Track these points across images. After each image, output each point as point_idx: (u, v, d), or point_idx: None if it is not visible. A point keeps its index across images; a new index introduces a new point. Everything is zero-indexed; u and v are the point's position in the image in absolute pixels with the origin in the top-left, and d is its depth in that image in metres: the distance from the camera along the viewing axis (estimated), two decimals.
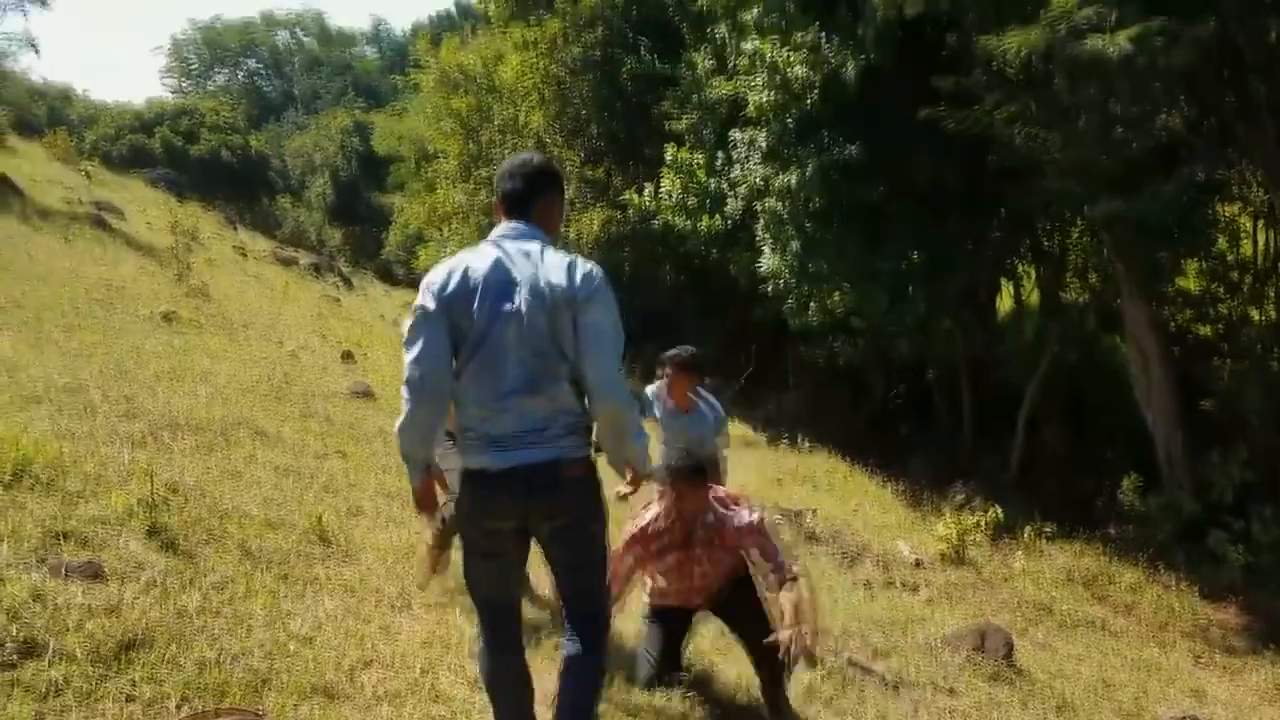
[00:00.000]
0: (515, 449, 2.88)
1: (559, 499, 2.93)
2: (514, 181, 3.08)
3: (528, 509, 2.95)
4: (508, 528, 3.00)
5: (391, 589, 4.62)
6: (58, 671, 2.92)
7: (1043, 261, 13.77)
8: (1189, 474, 10.44)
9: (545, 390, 2.88)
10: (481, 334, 2.87)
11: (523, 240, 2.98)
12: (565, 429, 2.92)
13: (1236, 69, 9.24)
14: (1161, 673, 6.90)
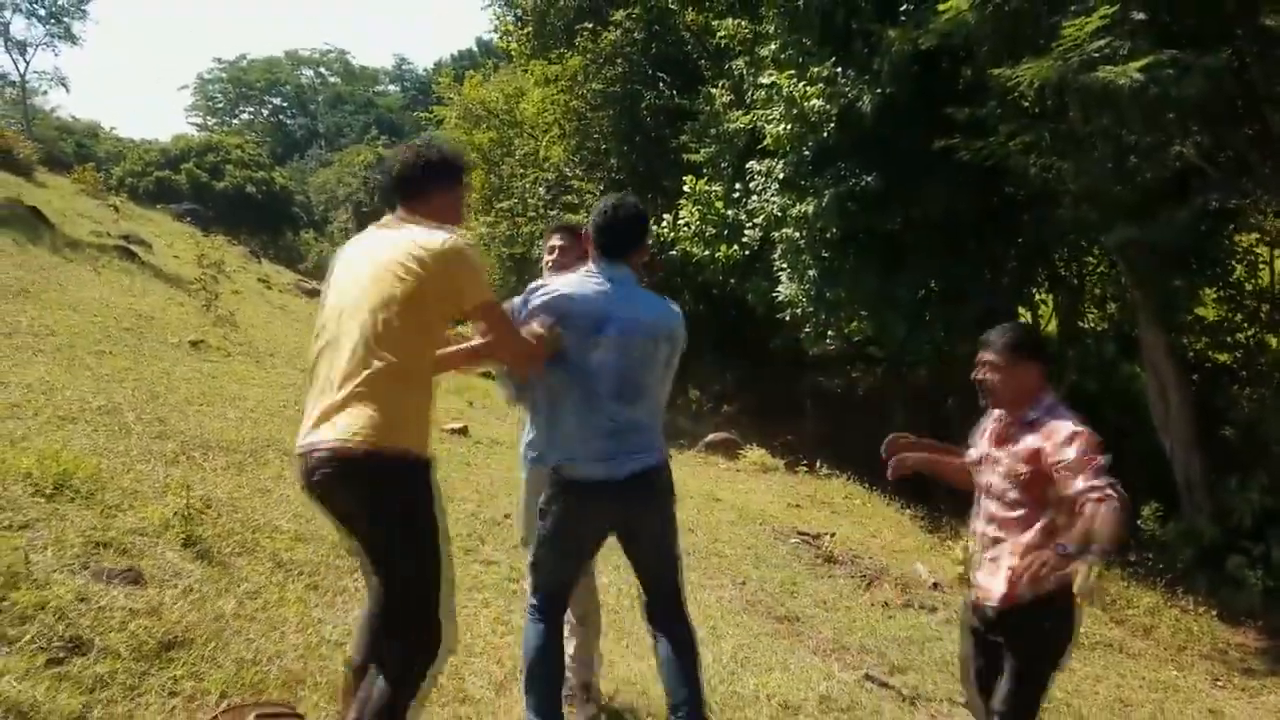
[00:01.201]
0: (622, 459, 3.24)
1: (658, 500, 3.36)
2: (616, 225, 3.40)
3: (629, 512, 3.35)
4: (604, 529, 3.41)
5: None
6: (103, 667, 3.06)
7: (1060, 289, 13.86)
8: (1208, 500, 10.45)
9: (643, 405, 3.33)
10: (587, 355, 3.23)
11: (622, 278, 3.35)
12: (656, 439, 3.35)
13: (1251, 99, 9.35)
14: (1179, 693, 6.90)
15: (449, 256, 2.89)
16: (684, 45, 18.60)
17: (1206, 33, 8.64)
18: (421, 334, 2.90)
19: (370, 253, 2.94)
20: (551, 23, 20.49)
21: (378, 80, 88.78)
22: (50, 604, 3.26)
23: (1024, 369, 3.41)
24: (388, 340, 2.79)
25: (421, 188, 3.08)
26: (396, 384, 2.80)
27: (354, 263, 2.97)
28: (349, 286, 2.91)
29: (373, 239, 3.01)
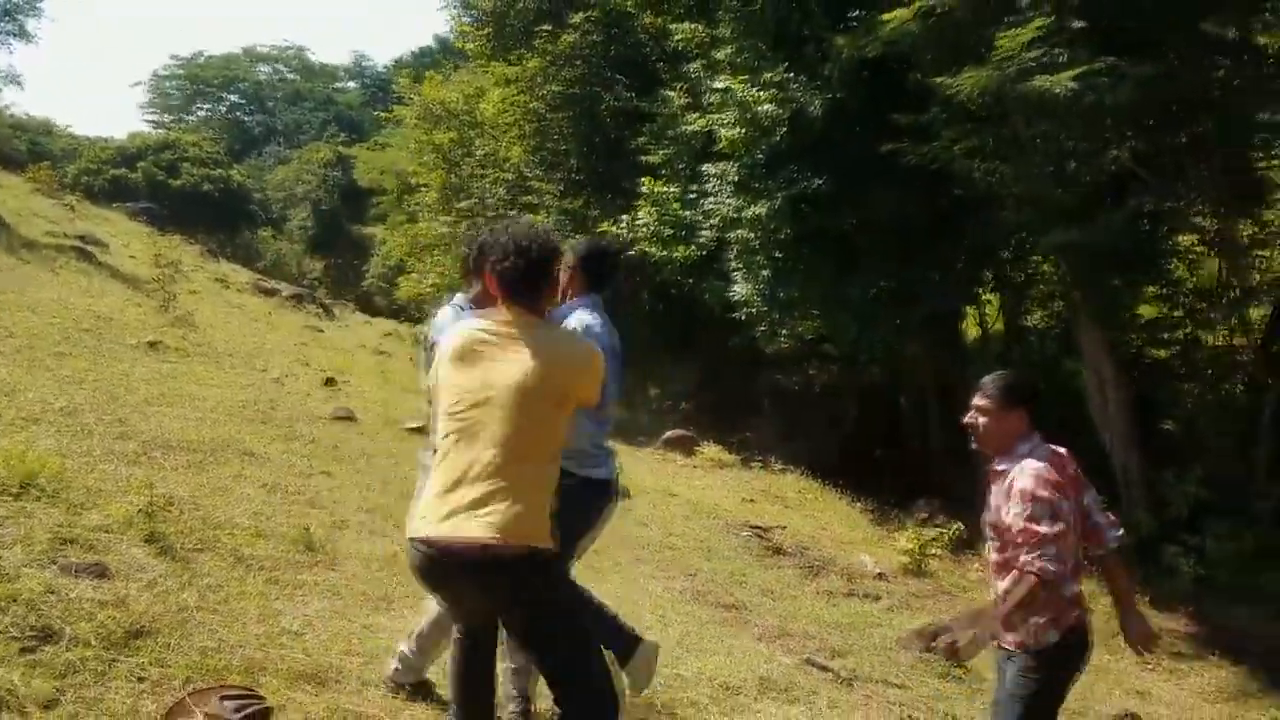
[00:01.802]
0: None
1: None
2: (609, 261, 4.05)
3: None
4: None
5: (375, 592, 4.93)
6: (74, 655, 3.23)
7: (1005, 289, 14.21)
8: (1146, 492, 10.80)
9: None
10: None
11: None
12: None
13: (1184, 105, 9.71)
14: (1109, 675, 7.21)
15: (587, 360, 3.09)
16: (641, 48, 18.77)
17: (1143, 40, 8.99)
18: (559, 430, 3.00)
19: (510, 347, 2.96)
20: (510, 24, 20.60)
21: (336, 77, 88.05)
22: (21, 596, 3.42)
23: (1013, 415, 3.54)
24: (534, 438, 2.89)
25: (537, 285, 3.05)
26: (539, 480, 2.91)
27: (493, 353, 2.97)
28: (495, 378, 2.92)
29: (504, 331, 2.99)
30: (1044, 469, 3.39)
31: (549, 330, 3.10)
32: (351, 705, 3.56)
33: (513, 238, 3.02)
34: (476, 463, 2.84)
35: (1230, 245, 10.37)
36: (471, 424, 2.89)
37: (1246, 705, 6.89)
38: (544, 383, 2.89)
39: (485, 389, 2.90)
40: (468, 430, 2.89)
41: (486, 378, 2.92)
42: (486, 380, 2.91)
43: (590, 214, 17.96)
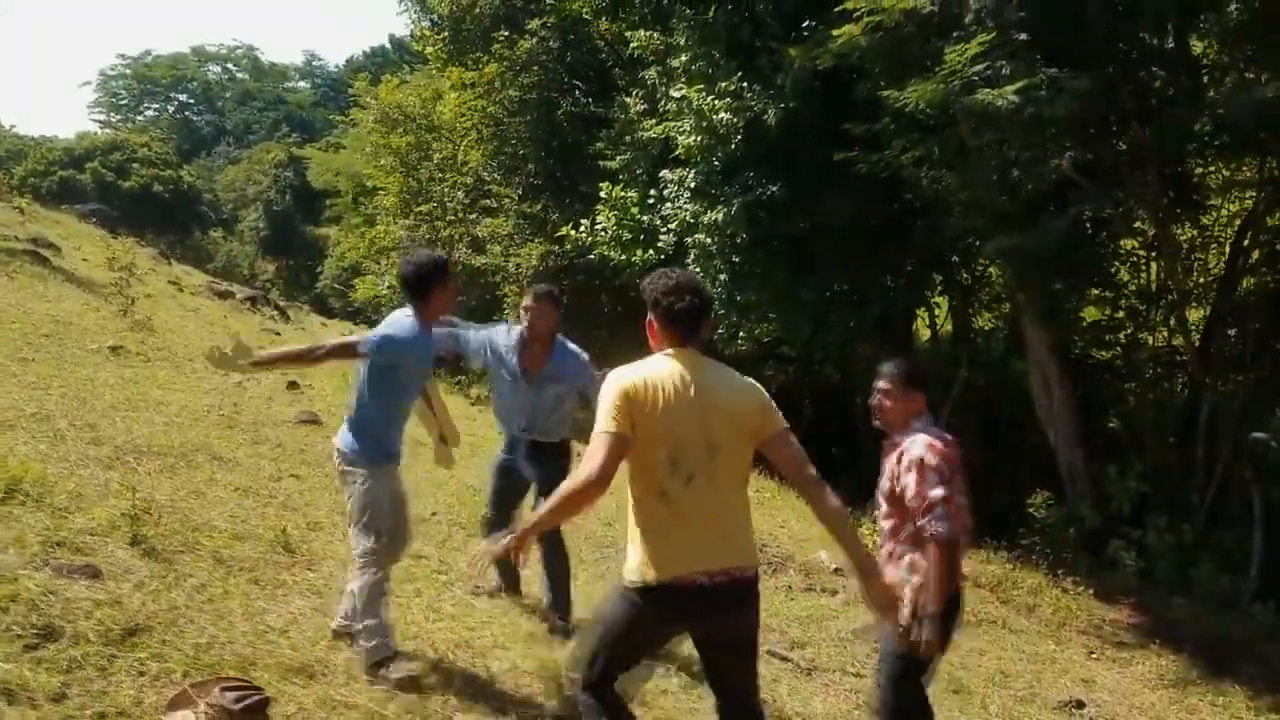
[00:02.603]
0: None
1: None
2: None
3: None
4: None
5: None
6: (76, 651, 3.39)
7: (953, 291, 14.58)
8: (1090, 488, 11.18)
9: None
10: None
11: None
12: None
13: (1121, 116, 10.09)
14: (1056, 665, 7.55)
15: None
16: (598, 54, 19.00)
17: (1083, 52, 9.35)
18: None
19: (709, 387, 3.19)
20: (468, 29, 20.71)
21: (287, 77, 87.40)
22: (21, 596, 3.57)
23: (910, 399, 3.98)
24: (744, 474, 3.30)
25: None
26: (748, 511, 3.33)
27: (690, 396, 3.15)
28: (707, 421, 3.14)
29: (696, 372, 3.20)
30: (934, 441, 3.81)
31: (723, 369, 3.34)
32: (341, 696, 3.75)
33: (686, 279, 3.31)
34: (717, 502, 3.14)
35: (1169, 249, 10.77)
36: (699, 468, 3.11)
37: (1186, 692, 7.23)
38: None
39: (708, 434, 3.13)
40: (697, 473, 3.11)
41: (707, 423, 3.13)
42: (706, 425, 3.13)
43: (550, 218, 18.14)
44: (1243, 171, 10.91)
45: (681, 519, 3.07)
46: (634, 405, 3.07)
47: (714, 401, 3.13)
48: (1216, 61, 10.57)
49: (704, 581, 3.06)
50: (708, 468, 3.08)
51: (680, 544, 3.08)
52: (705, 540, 3.09)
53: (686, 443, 3.07)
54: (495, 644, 4.78)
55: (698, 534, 3.08)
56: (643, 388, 3.10)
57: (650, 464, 3.08)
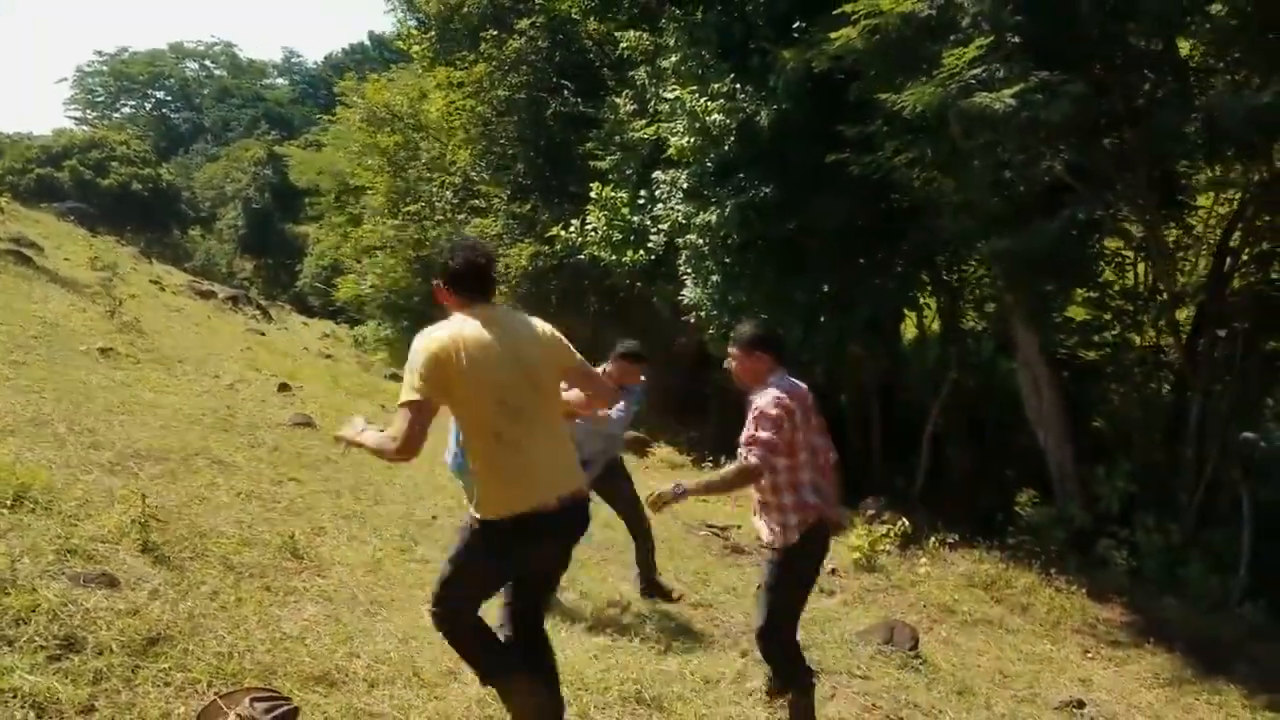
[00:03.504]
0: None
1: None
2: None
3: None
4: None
5: (365, 598, 5.09)
6: (100, 662, 3.38)
7: (942, 292, 14.62)
8: (1079, 487, 11.24)
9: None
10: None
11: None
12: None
13: (1113, 119, 10.16)
14: (1053, 664, 7.61)
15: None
16: (587, 54, 18.93)
17: (1075, 54, 9.42)
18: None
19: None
20: (455, 28, 20.62)
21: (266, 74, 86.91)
22: (41, 607, 3.55)
23: (756, 358, 4.45)
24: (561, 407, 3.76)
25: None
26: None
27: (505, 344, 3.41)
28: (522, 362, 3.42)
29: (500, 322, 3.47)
30: (778, 394, 4.29)
31: (519, 315, 3.64)
32: (364, 705, 3.74)
33: (469, 242, 3.68)
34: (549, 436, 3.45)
35: (1158, 250, 10.85)
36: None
37: (1182, 691, 7.30)
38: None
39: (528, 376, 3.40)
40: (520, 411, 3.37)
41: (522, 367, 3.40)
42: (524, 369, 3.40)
43: (539, 218, 18.10)
44: (1230, 174, 10.98)
45: (524, 455, 3.32)
46: (445, 368, 3.25)
47: (524, 345, 3.42)
48: (1203, 64, 10.68)
49: (555, 507, 3.34)
50: (533, 405, 3.37)
51: (529, 478, 3.34)
52: (549, 471, 3.39)
53: (511, 386, 3.32)
54: None
55: (541, 466, 3.36)
56: (453, 349, 3.27)
57: (482, 413, 3.32)
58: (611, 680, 4.57)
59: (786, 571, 4.42)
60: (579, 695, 4.34)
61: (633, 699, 4.43)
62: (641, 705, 4.41)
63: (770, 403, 4.25)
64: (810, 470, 4.39)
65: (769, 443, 4.19)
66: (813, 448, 4.43)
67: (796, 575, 4.48)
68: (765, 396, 4.30)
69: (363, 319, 29.95)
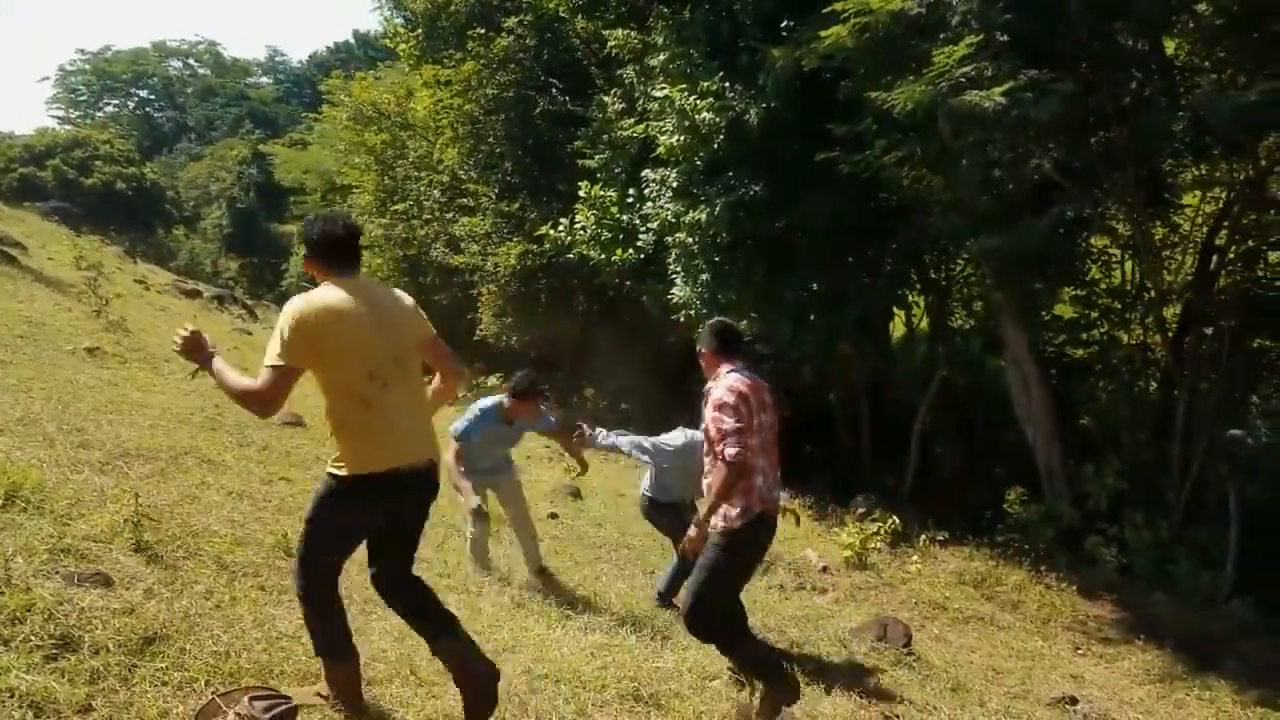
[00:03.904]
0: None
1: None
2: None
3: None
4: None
5: (358, 596, 5.05)
6: (97, 662, 3.35)
7: (931, 291, 14.67)
8: (1067, 484, 11.30)
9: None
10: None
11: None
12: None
13: (1101, 117, 10.21)
14: (1045, 661, 7.65)
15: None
16: (575, 52, 18.90)
17: (1062, 54, 9.46)
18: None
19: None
20: (442, 27, 20.56)
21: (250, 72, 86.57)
22: (36, 606, 3.51)
23: (712, 353, 4.71)
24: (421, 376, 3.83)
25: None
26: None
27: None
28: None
29: (367, 293, 3.57)
30: (734, 382, 4.49)
31: (382, 287, 3.79)
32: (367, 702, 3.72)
33: (332, 215, 3.76)
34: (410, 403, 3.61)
35: (1145, 248, 10.90)
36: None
37: (1173, 687, 7.34)
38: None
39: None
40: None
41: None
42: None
43: (528, 217, 18.06)
44: (1216, 172, 11.05)
45: (388, 419, 3.49)
46: (313, 337, 3.34)
47: (389, 316, 3.57)
48: (1189, 63, 10.75)
49: (412, 467, 3.53)
50: (397, 374, 3.52)
51: (391, 441, 3.50)
52: (409, 436, 3.56)
53: (378, 354, 3.46)
54: (505, 647, 4.76)
55: (402, 431, 3.53)
56: (324, 318, 3.37)
57: (350, 379, 3.44)
58: (609, 678, 4.56)
59: (727, 555, 4.51)
60: (576, 693, 4.33)
61: (630, 696, 4.42)
62: (639, 703, 4.40)
63: (724, 390, 4.46)
64: (761, 457, 4.53)
65: (738, 430, 4.37)
66: (764, 441, 4.59)
67: (736, 559, 4.58)
68: (720, 387, 4.51)
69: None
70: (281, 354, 3.28)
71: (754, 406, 4.52)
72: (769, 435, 4.66)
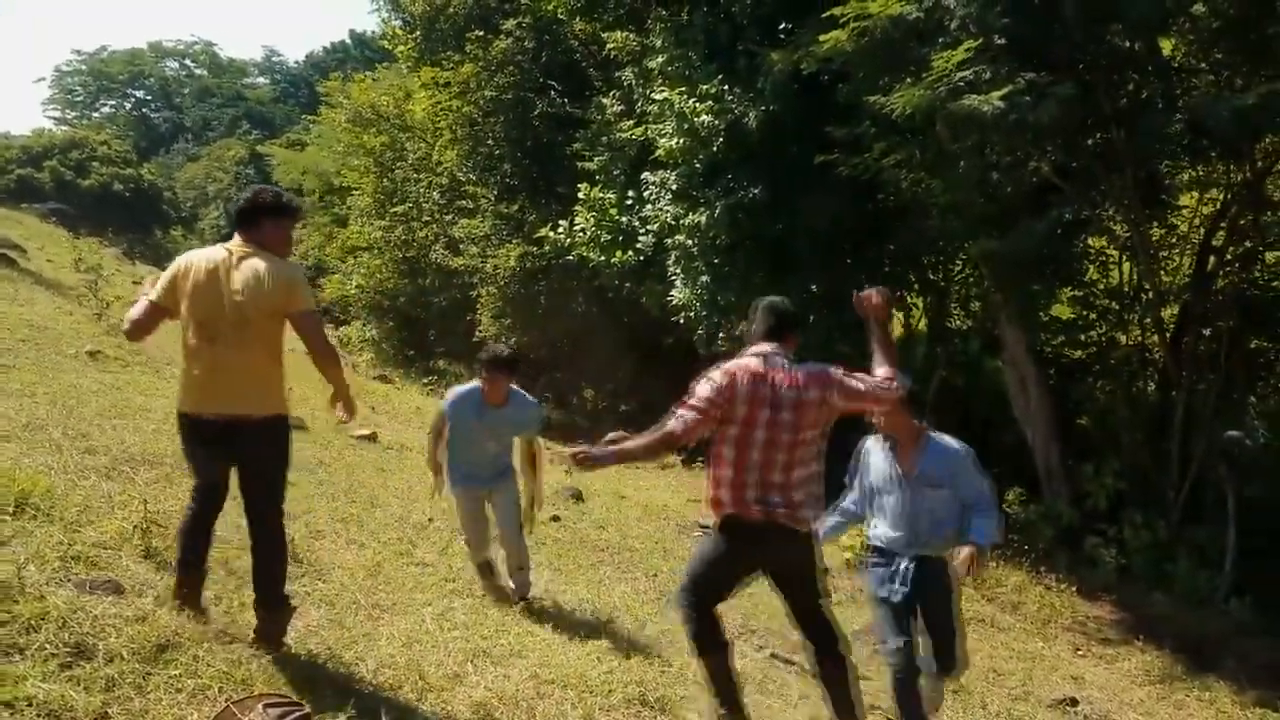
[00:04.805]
0: None
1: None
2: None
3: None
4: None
5: (367, 601, 5.10)
6: (112, 669, 3.36)
7: (929, 292, 14.73)
8: (1066, 485, 11.35)
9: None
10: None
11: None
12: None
13: (1099, 119, 10.26)
14: (1045, 662, 7.70)
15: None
16: (574, 54, 18.95)
17: (1060, 57, 9.51)
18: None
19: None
20: (441, 28, 20.58)
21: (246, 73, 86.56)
22: (50, 614, 3.53)
23: (755, 337, 4.24)
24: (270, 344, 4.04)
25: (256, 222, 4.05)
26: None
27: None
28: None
29: (236, 260, 3.96)
30: (738, 363, 4.09)
31: (265, 258, 3.99)
32: (373, 709, 3.75)
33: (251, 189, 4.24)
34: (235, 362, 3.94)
35: (1142, 250, 10.95)
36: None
37: (1172, 688, 7.40)
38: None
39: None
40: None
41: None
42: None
43: (527, 219, 18.09)
44: (1213, 174, 11.11)
45: (201, 369, 3.91)
46: (176, 282, 3.95)
47: (240, 280, 3.87)
48: (1186, 64, 10.80)
49: (196, 417, 3.93)
50: (232, 335, 3.85)
51: (195, 388, 3.94)
52: (211, 389, 3.90)
53: (213, 313, 3.86)
54: (512, 652, 4.80)
55: (206, 384, 3.90)
56: (185, 269, 3.95)
57: (185, 323, 3.93)
58: (615, 683, 4.60)
59: (707, 541, 4.38)
60: (584, 698, 4.37)
61: (637, 701, 4.47)
62: (646, 707, 4.44)
63: (719, 369, 4.07)
64: (755, 456, 4.01)
65: (695, 403, 3.99)
66: (770, 442, 4.02)
67: (711, 549, 4.27)
68: (720, 365, 4.12)
69: (348, 319, 29.91)
70: (154, 292, 3.98)
71: (761, 398, 3.98)
72: (784, 438, 4.01)
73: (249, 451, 4.03)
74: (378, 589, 5.34)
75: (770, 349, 4.15)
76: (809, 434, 4.08)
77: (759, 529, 4.09)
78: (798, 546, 4.20)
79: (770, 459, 4.03)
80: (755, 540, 4.15)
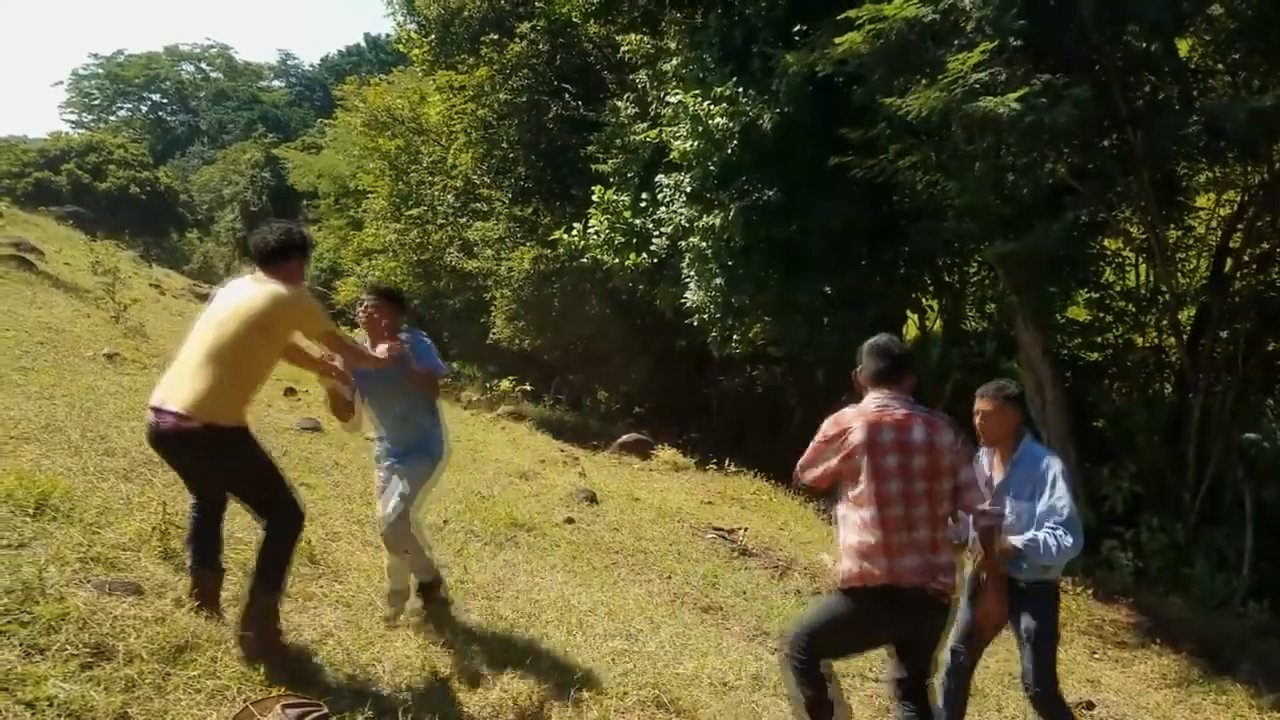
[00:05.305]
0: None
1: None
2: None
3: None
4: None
5: (382, 603, 5.11)
6: (132, 670, 3.40)
7: (944, 294, 14.71)
8: (1083, 488, 11.26)
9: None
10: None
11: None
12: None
13: (1115, 121, 10.23)
14: (1061, 665, 7.57)
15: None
16: (588, 57, 18.99)
17: (1076, 59, 9.49)
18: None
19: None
20: (455, 32, 20.64)
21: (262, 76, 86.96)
22: (70, 615, 3.57)
23: (863, 379, 4.06)
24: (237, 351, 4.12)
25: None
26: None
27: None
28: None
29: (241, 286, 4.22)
30: (853, 411, 3.87)
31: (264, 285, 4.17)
32: (391, 710, 3.77)
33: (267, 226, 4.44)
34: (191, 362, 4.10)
35: (1159, 251, 10.90)
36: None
37: (1189, 691, 7.35)
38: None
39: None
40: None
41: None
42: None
43: (541, 221, 18.12)
44: (1230, 175, 11.06)
45: (173, 366, 4.12)
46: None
47: (232, 300, 4.11)
48: (1202, 65, 10.76)
49: (152, 416, 4.02)
50: (200, 336, 4.06)
51: (162, 382, 4.11)
52: (170, 383, 4.04)
53: (203, 323, 4.11)
54: (527, 654, 4.80)
55: (169, 378, 4.08)
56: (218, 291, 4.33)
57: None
58: (629, 685, 4.61)
59: (834, 602, 3.93)
60: (599, 700, 4.38)
61: (651, 703, 4.47)
62: (661, 709, 4.45)
63: (830, 419, 3.85)
64: (898, 512, 3.69)
65: (803, 461, 3.90)
66: (909, 493, 3.71)
67: (847, 613, 3.85)
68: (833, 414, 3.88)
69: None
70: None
71: (887, 444, 3.71)
72: (922, 486, 3.73)
73: (171, 446, 4.14)
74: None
75: (887, 394, 3.90)
76: (946, 484, 3.84)
77: (911, 601, 3.73)
78: (941, 620, 3.95)
79: (912, 515, 3.71)
80: (905, 612, 3.78)
